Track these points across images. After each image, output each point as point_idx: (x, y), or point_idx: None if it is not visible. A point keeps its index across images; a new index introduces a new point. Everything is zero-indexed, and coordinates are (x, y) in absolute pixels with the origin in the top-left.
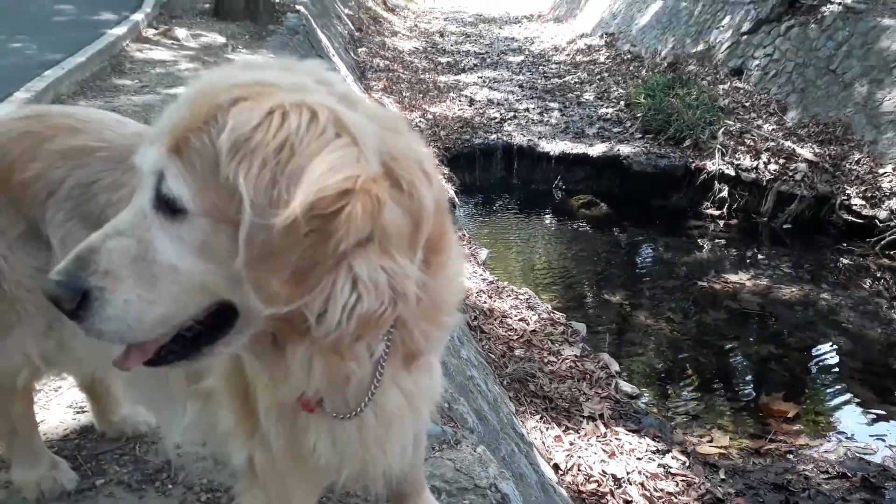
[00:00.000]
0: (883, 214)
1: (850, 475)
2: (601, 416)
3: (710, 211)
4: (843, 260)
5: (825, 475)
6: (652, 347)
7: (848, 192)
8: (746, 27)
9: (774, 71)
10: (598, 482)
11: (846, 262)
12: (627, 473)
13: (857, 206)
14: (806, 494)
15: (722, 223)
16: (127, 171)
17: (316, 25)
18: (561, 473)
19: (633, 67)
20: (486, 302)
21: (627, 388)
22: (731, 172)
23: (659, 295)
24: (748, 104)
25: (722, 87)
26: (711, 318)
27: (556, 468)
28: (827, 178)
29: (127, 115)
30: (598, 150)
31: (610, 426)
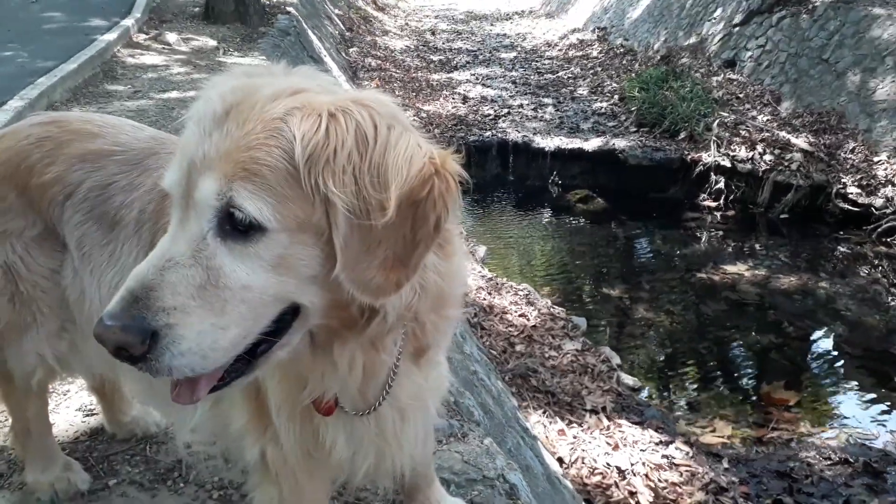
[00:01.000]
0: (879, 202)
1: (851, 461)
2: (604, 409)
3: (706, 203)
4: (840, 248)
5: (827, 461)
6: (652, 340)
7: (843, 180)
8: (738, 19)
9: (767, 62)
10: (602, 474)
11: (843, 250)
12: (631, 465)
13: (852, 194)
14: (809, 481)
15: (719, 214)
16: (142, 173)
17: (307, 26)
18: (565, 466)
19: (626, 61)
20: (485, 299)
21: (629, 380)
22: (726, 164)
23: (658, 287)
24: (742, 95)
25: (715, 78)
26: (711, 309)
27: (560, 461)
28: (822, 167)
29: None
30: (593, 144)
31: (613, 419)
